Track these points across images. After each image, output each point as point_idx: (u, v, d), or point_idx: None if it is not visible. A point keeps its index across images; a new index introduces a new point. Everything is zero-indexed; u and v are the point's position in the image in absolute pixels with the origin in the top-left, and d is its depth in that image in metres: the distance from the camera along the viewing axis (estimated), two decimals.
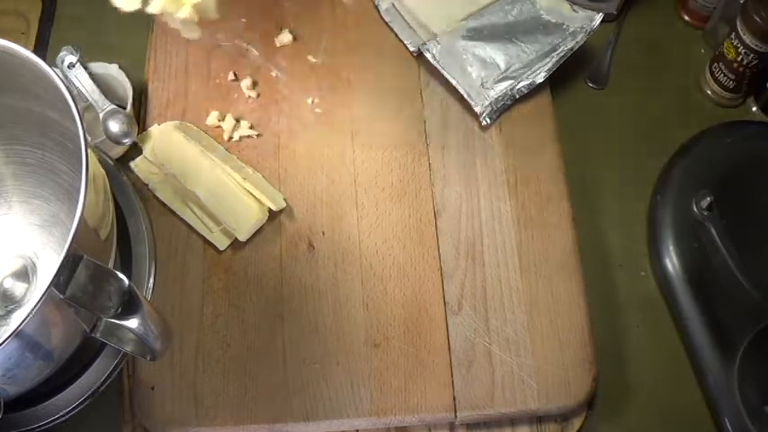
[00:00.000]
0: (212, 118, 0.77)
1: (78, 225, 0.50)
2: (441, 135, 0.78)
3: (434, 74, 0.80)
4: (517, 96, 0.78)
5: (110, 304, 0.51)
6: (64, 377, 0.64)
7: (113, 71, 0.78)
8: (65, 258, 0.49)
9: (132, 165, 0.75)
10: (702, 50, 0.87)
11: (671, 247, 0.74)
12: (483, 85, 0.78)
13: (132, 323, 0.51)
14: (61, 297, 0.49)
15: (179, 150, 0.74)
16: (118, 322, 0.51)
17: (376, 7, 0.84)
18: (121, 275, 0.51)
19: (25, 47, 0.56)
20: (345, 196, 0.74)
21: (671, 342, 0.72)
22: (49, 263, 0.68)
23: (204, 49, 0.82)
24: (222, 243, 0.72)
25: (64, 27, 0.87)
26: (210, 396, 0.66)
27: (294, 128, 0.78)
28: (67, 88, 0.54)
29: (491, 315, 0.69)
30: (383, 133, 0.78)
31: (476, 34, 0.80)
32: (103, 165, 0.67)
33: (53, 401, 0.63)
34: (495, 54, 0.79)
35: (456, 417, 0.66)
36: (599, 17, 0.81)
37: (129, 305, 0.51)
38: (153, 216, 0.72)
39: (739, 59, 0.79)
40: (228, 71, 0.80)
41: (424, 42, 0.80)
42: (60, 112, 0.55)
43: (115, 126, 0.75)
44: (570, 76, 0.84)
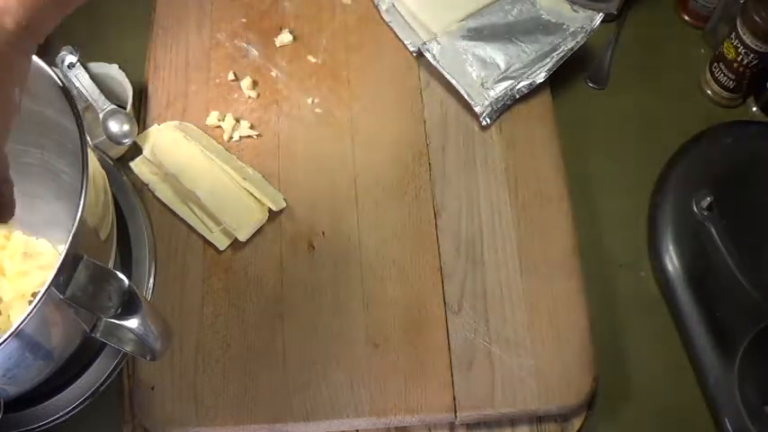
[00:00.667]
0: (212, 118, 0.77)
1: (78, 225, 0.50)
2: (441, 135, 0.78)
3: (434, 74, 0.80)
4: (517, 96, 0.79)
5: (110, 304, 0.51)
6: (64, 377, 0.64)
7: (113, 71, 0.78)
8: (65, 258, 0.49)
9: (132, 165, 0.75)
10: (702, 50, 0.87)
11: (671, 247, 0.74)
12: (483, 85, 0.78)
13: (132, 323, 0.51)
14: (61, 297, 0.49)
15: (179, 150, 0.74)
16: (118, 322, 0.51)
17: (376, 7, 0.84)
18: (121, 275, 0.51)
19: None
20: (345, 196, 0.74)
21: (671, 342, 0.72)
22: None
23: (204, 49, 0.82)
24: (222, 243, 0.72)
25: (64, 27, 0.87)
26: (210, 396, 0.66)
27: (294, 128, 0.78)
28: (67, 88, 0.54)
29: (491, 315, 0.69)
30: (383, 133, 0.78)
31: (476, 34, 0.80)
32: (103, 165, 0.67)
33: (53, 401, 0.63)
34: (495, 54, 0.79)
35: (456, 417, 0.66)
36: (599, 17, 0.81)
37: (129, 305, 0.51)
38: (153, 216, 0.72)
39: (739, 59, 0.79)
40: (228, 71, 0.80)
41: (424, 42, 0.80)
42: (60, 112, 0.55)
43: (115, 126, 0.75)
44: (570, 76, 0.84)
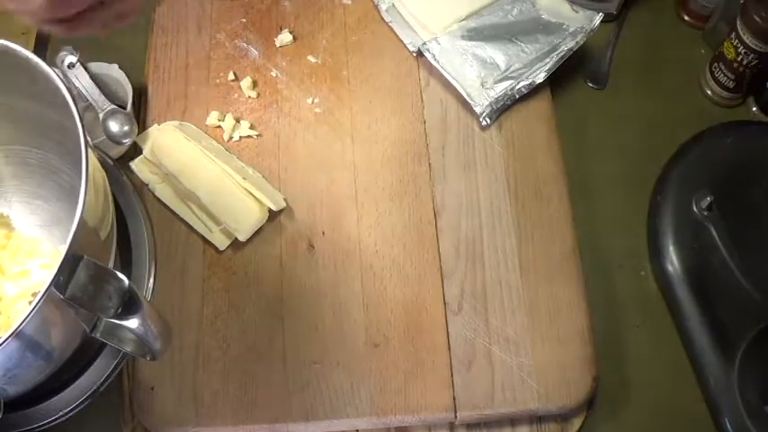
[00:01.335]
0: (212, 118, 0.77)
1: (78, 225, 0.50)
2: (441, 135, 0.78)
3: (434, 74, 0.80)
4: (517, 96, 0.78)
5: (110, 304, 0.51)
6: (64, 377, 0.64)
7: (113, 71, 0.78)
8: (65, 258, 0.49)
9: (132, 165, 0.75)
10: (702, 50, 0.87)
11: (671, 247, 0.74)
12: (483, 85, 0.78)
13: (132, 323, 0.51)
14: (61, 297, 0.49)
15: (179, 150, 0.74)
16: (118, 322, 0.51)
17: (376, 7, 0.84)
18: (121, 275, 0.51)
19: (25, 47, 0.56)
20: (345, 196, 0.74)
21: (671, 342, 0.72)
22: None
23: (204, 49, 0.82)
24: (222, 243, 0.72)
25: None
26: (210, 396, 0.66)
27: (294, 128, 0.78)
28: (67, 88, 0.54)
29: (491, 315, 0.69)
30: (383, 133, 0.78)
31: (476, 34, 0.80)
32: (103, 165, 0.67)
33: (53, 401, 0.63)
34: (495, 54, 0.79)
35: (456, 417, 0.66)
36: (599, 17, 0.81)
37: (129, 305, 0.51)
38: (153, 216, 0.72)
39: (739, 59, 0.79)
40: (228, 71, 0.80)
41: (424, 42, 0.80)
42: (60, 112, 0.55)
43: (115, 126, 0.75)
44: (570, 76, 0.84)
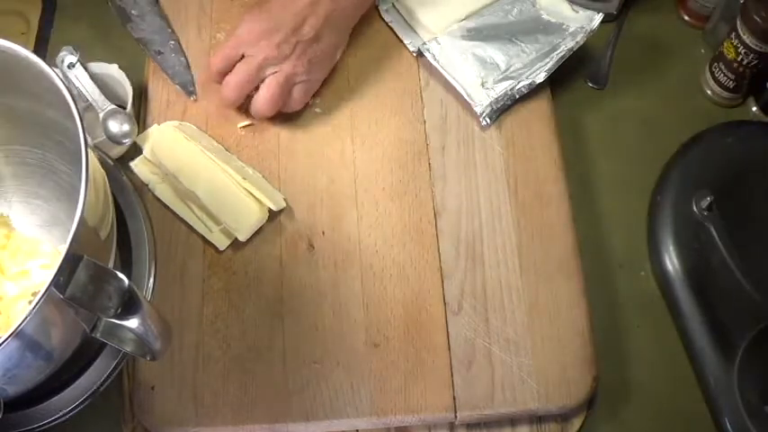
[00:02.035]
0: None
1: (78, 225, 0.50)
2: (441, 135, 0.78)
3: (434, 74, 0.80)
4: (517, 96, 0.78)
5: (110, 304, 0.50)
6: (64, 377, 0.64)
7: (113, 71, 0.78)
8: (65, 258, 0.49)
9: (132, 165, 0.75)
10: (702, 50, 0.87)
11: (671, 247, 0.74)
12: (483, 85, 0.78)
13: (132, 323, 0.51)
14: (61, 297, 0.49)
15: (179, 150, 0.74)
16: (118, 322, 0.51)
17: (376, 7, 0.84)
18: (121, 275, 0.51)
19: (25, 47, 0.56)
20: (345, 196, 0.74)
21: (671, 342, 0.72)
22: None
23: (204, 49, 0.82)
24: (222, 243, 0.72)
25: (64, 27, 0.87)
26: (210, 396, 0.66)
27: (294, 128, 0.78)
28: (67, 88, 0.54)
29: (491, 315, 0.69)
30: (383, 133, 0.78)
31: (476, 34, 0.80)
32: (103, 165, 0.67)
33: (53, 401, 0.63)
34: (495, 54, 0.79)
35: (456, 417, 0.66)
36: (599, 17, 0.81)
37: (129, 305, 0.51)
38: (153, 216, 0.72)
39: (739, 59, 0.79)
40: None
41: (424, 42, 0.80)
42: (60, 112, 0.55)
43: (115, 126, 0.75)
44: (570, 76, 0.84)
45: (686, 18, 0.88)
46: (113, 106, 0.76)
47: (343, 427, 0.66)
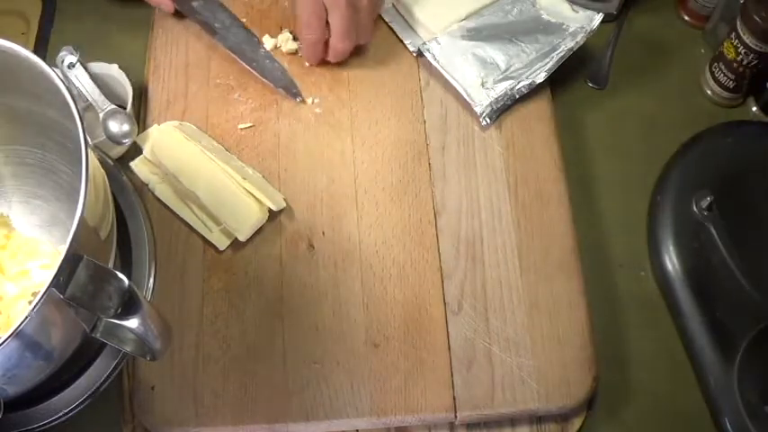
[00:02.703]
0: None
1: (78, 225, 0.50)
2: (441, 135, 0.78)
3: (434, 74, 0.80)
4: (517, 96, 0.78)
5: (110, 304, 0.51)
6: (64, 377, 0.64)
7: (113, 71, 0.78)
8: (65, 258, 0.49)
9: (132, 165, 0.75)
10: (702, 50, 0.87)
11: (671, 247, 0.74)
12: (483, 85, 0.78)
13: (132, 323, 0.51)
14: (61, 297, 0.49)
15: (179, 150, 0.74)
16: (118, 322, 0.51)
17: None
18: (121, 275, 0.51)
19: (25, 47, 0.56)
20: (345, 196, 0.74)
21: (671, 342, 0.72)
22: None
23: (204, 49, 0.82)
24: (222, 243, 0.72)
25: (64, 27, 0.87)
26: (210, 396, 0.66)
27: (294, 128, 0.78)
28: (67, 88, 0.54)
29: (491, 315, 0.69)
30: (383, 133, 0.78)
31: (476, 34, 0.80)
32: (103, 165, 0.67)
33: (53, 401, 0.63)
34: (495, 54, 0.79)
35: (456, 417, 0.66)
36: (599, 17, 0.81)
37: (129, 305, 0.51)
38: (153, 216, 0.72)
39: (739, 59, 0.79)
40: (228, 71, 0.80)
41: (424, 42, 0.80)
42: (60, 112, 0.55)
43: (115, 126, 0.75)
44: (570, 76, 0.84)
45: (686, 18, 0.88)
46: (113, 106, 0.76)
47: (343, 427, 0.66)
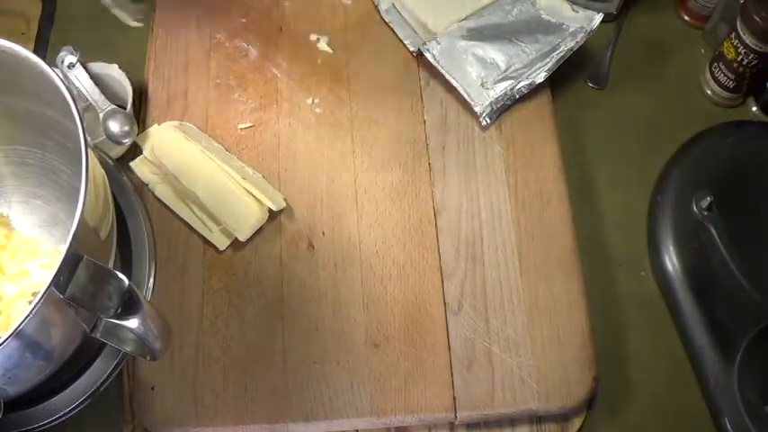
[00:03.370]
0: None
1: (78, 225, 0.50)
2: (441, 135, 0.78)
3: (434, 74, 0.80)
4: (517, 96, 0.79)
5: (110, 304, 0.51)
6: (64, 377, 0.64)
7: (113, 71, 0.78)
8: (65, 258, 0.49)
9: (132, 165, 0.75)
10: (702, 50, 0.87)
11: (671, 247, 0.74)
12: (483, 85, 0.78)
13: (132, 323, 0.51)
14: (61, 297, 0.49)
15: (179, 150, 0.74)
16: (118, 322, 0.51)
17: (376, 7, 0.84)
18: (121, 275, 0.51)
19: (25, 47, 0.56)
20: (345, 196, 0.74)
21: (671, 342, 0.72)
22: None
23: (204, 49, 0.82)
24: (222, 243, 0.72)
25: (64, 27, 0.87)
26: (210, 396, 0.66)
27: (294, 128, 0.78)
28: (67, 88, 0.54)
29: (491, 315, 0.69)
30: (383, 133, 0.78)
31: (476, 34, 0.80)
32: (103, 165, 0.67)
33: (53, 401, 0.64)
34: (495, 54, 0.79)
35: (456, 417, 0.66)
36: (599, 17, 0.81)
37: (129, 305, 0.51)
38: (153, 216, 0.72)
39: (739, 59, 0.79)
40: (228, 71, 0.80)
41: (424, 42, 0.80)
42: (60, 112, 0.55)
43: (115, 126, 0.75)
44: (570, 76, 0.84)
45: (686, 18, 0.88)
46: (113, 106, 0.76)
47: (344, 427, 0.66)
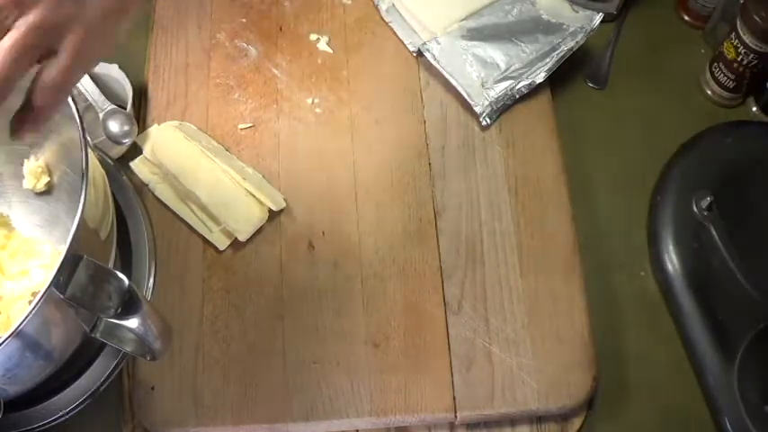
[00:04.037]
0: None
1: (78, 225, 0.50)
2: (441, 135, 0.78)
3: (434, 74, 0.80)
4: (517, 96, 0.79)
5: (110, 304, 0.51)
6: (64, 377, 0.64)
7: (113, 71, 0.78)
8: (65, 258, 0.49)
9: (132, 165, 0.75)
10: (702, 50, 0.87)
11: (671, 247, 0.74)
12: (483, 85, 0.78)
13: (132, 323, 0.51)
14: (61, 297, 0.49)
15: (179, 150, 0.74)
16: (118, 322, 0.51)
17: (376, 7, 0.84)
18: (121, 275, 0.51)
19: None
20: (345, 196, 0.74)
21: (671, 342, 0.72)
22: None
23: (204, 49, 0.82)
24: (222, 243, 0.72)
25: None
26: (210, 396, 0.66)
27: (294, 128, 0.78)
28: None
29: (491, 315, 0.69)
30: (383, 133, 0.78)
31: (476, 34, 0.80)
32: (103, 165, 0.67)
33: (53, 401, 0.63)
34: (495, 54, 0.79)
35: (456, 417, 0.66)
36: (599, 17, 0.81)
37: (129, 305, 0.51)
38: (153, 216, 0.72)
39: (739, 59, 0.79)
40: (228, 71, 0.80)
41: (424, 42, 0.80)
42: (60, 112, 0.55)
43: (115, 126, 0.75)
44: (570, 76, 0.84)
45: (686, 18, 0.88)
46: (113, 106, 0.76)
47: (344, 427, 0.66)
